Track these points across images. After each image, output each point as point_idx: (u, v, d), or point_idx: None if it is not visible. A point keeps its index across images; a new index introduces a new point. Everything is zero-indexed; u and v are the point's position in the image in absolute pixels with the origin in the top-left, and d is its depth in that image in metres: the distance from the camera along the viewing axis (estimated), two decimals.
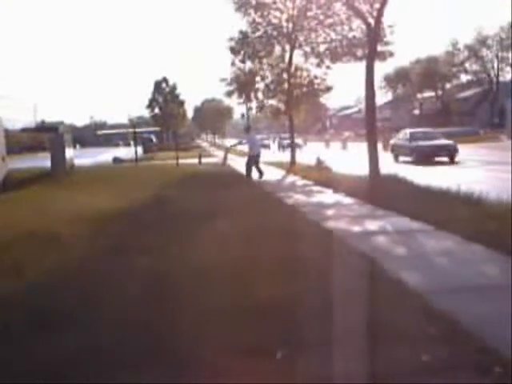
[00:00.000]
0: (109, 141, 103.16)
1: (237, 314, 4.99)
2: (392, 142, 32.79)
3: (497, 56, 74.00)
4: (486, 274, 6.41)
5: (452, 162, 26.39)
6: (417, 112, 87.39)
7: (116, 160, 40.83)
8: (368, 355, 4.12)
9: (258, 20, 26.26)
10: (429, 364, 4.00)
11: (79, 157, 35.59)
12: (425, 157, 26.71)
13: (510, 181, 9.51)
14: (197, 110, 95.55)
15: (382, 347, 4.30)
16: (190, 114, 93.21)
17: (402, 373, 3.94)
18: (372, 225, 9.96)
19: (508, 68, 73.62)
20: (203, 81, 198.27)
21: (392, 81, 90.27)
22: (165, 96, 75.65)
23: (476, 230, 8.07)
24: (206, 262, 6.93)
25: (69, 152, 27.47)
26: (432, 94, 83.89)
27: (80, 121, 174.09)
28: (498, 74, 74.67)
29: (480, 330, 4.54)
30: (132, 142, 55.05)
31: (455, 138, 46.78)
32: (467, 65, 78.22)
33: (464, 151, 33.02)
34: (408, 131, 31.25)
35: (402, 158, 29.63)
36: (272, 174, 22.85)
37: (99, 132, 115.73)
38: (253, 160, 20.79)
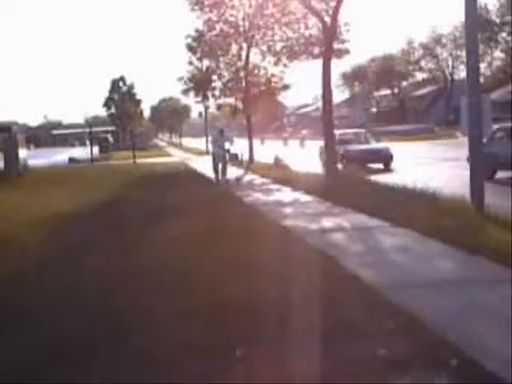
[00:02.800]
0: (64, 141, 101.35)
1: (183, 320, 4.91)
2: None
3: (451, 54, 75.44)
4: (442, 270, 6.47)
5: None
6: (374, 110, 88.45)
7: (72, 160, 40.12)
8: (324, 351, 4.10)
9: (214, 18, 26.15)
10: (385, 358, 3.99)
11: (33, 157, 34.81)
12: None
13: (465, 177, 9.62)
14: (154, 109, 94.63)
15: (338, 343, 4.27)
16: (147, 113, 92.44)
17: (358, 368, 3.90)
18: (330, 222, 9.98)
19: (462, 66, 75.08)
20: (160, 80, 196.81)
21: (349, 79, 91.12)
22: (122, 95, 74.66)
23: (432, 225, 8.15)
24: (158, 265, 6.84)
25: (22, 152, 26.83)
26: (388, 91, 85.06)
27: (34, 120, 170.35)
28: (452, 72, 76.14)
29: (436, 324, 4.56)
30: (88, 142, 54.19)
31: (411, 136, 47.85)
32: (422, 63, 79.57)
33: (420, 148, 33.59)
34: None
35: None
36: (231, 173, 22.75)
37: (54, 132, 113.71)
38: (222, 160, 19.76)
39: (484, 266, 6.37)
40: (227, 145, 19.51)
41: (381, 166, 23.00)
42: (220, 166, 18.89)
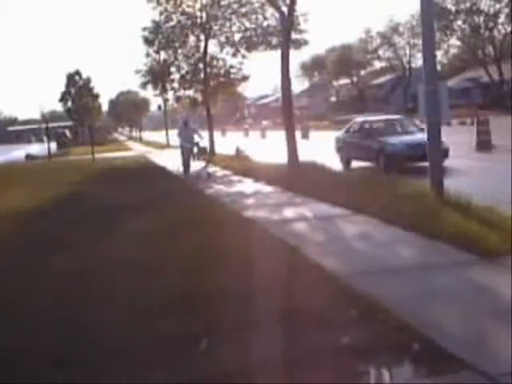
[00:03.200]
0: (21, 137, 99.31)
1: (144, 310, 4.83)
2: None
3: (408, 43, 76.36)
4: (402, 256, 6.53)
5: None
6: (333, 99, 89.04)
7: (28, 157, 39.40)
8: (288, 340, 4.10)
9: (171, 9, 25.87)
10: (349, 344, 4.03)
11: None
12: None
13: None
14: (112, 103, 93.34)
15: (302, 331, 4.27)
16: (105, 107, 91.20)
17: (323, 355, 3.90)
18: (292, 212, 9.98)
19: (419, 54, 76.08)
20: (118, 73, 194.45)
21: (308, 69, 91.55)
22: (78, 89, 73.46)
23: (392, 212, 8.21)
24: (121, 259, 6.73)
25: None
26: (348, 81, 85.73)
27: None
28: (410, 61, 77.10)
29: (398, 309, 4.60)
30: (45, 138, 53.21)
31: None
32: (380, 52, 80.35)
33: None
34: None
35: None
36: (192, 166, 22.60)
37: (10, 128, 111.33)
38: (187, 153, 19.34)
39: (444, 250, 6.45)
40: (196, 138, 19.27)
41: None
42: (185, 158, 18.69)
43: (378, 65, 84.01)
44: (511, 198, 8.10)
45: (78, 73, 74.88)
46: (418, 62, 71.17)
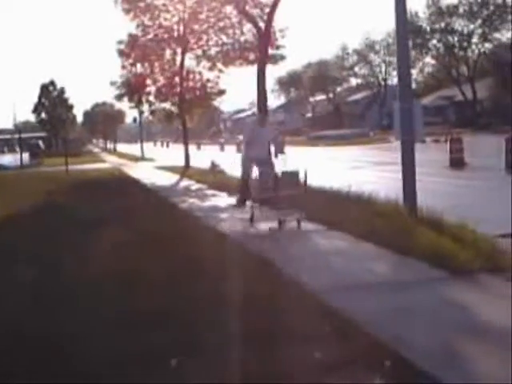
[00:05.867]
0: None
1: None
2: None
3: (384, 61, 77.47)
4: (376, 272, 6.54)
5: None
6: (309, 115, 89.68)
7: (0, 167, 38.87)
8: (258, 356, 4.04)
9: (148, 23, 25.84)
10: (322, 361, 3.97)
11: None
12: None
13: (398, 180, 9.77)
14: (87, 115, 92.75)
15: (274, 347, 4.22)
16: (79, 118, 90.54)
17: (296, 372, 3.86)
18: (267, 227, 9.92)
19: (395, 72, 77.13)
20: (93, 84, 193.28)
21: (285, 84, 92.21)
22: (52, 100, 72.88)
23: (366, 229, 8.23)
24: (88, 274, 6.62)
25: None
26: (324, 97, 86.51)
27: None
28: (385, 78, 78.15)
29: (370, 325, 4.58)
30: (18, 149, 52.52)
31: (347, 140, 48.62)
32: (357, 69, 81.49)
33: (355, 153, 34.17)
34: None
35: None
36: (166, 179, 22.51)
37: None
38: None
39: (416, 267, 6.46)
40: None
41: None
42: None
43: (354, 81, 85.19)
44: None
45: (52, 83, 74.36)
46: (394, 79, 72.19)
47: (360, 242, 7.92)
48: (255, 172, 10.83)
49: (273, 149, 11.06)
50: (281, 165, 10.34)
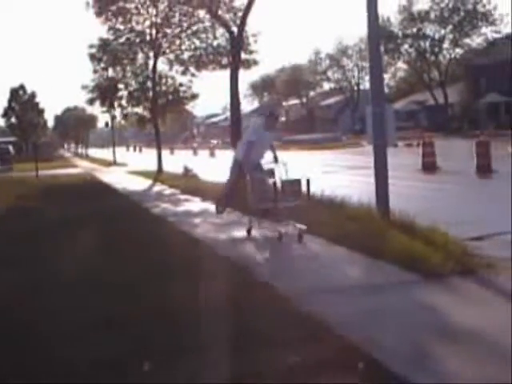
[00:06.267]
0: None
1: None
2: None
3: (357, 65, 78.15)
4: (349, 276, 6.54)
5: None
6: (283, 119, 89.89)
7: None
8: (233, 361, 4.02)
9: (120, 26, 25.68)
10: (295, 364, 3.95)
11: None
12: None
13: (371, 184, 9.82)
14: (58, 119, 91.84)
15: (247, 352, 4.18)
16: (50, 123, 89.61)
17: (268, 376, 3.84)
18: (240, 232, 9.88)
19: (368, 77, 77.83)
20: (64, 88, 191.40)
21: (258, 88, 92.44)
22: (22, 104, 71.95)
23: (338, 232, 8.24)
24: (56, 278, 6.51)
25: None
26: (297, 101, 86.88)
27: None
28: (358, 83, 78.81)
29: (344, 328, 4.58)
30: None
31: (320, 145, 48.82)
32: (329, 73, 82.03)
33: (328, 157, 34.32)
34: None
35: None
36: (138, 184, 22.34)
37: None
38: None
39: (388, 270, 6.49)
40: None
41: None
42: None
43: (327, 86, 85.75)
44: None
45: (22, 87, 73.44)
46: (366, 84, 72.76)
47: (332, 246, 7.94)
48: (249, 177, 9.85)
49: (272, 155, 10.70)
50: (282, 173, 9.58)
